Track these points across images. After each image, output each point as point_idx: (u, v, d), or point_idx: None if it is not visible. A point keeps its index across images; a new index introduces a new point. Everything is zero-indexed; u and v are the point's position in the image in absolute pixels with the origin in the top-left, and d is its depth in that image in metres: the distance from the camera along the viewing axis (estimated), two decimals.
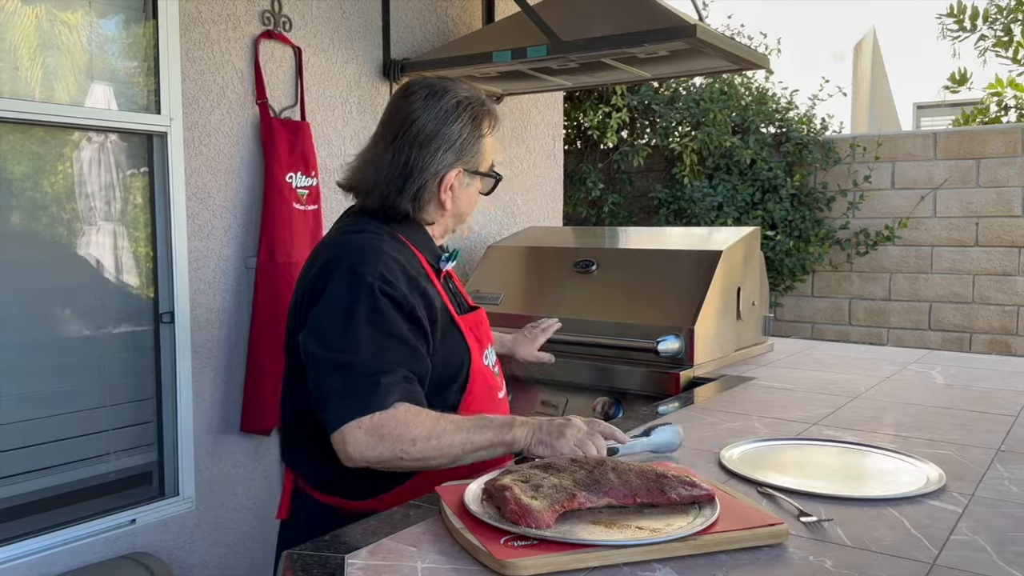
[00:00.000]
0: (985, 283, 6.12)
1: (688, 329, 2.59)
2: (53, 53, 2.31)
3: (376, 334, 1.45)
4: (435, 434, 1.42)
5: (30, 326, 2.32)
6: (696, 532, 1.16)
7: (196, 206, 2.61)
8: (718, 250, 2.75)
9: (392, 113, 1.66)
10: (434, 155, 1.60)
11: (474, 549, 1.14)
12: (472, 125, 1.64)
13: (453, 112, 1.61)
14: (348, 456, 1.40)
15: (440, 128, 1.60)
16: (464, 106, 1.63)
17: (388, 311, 1.47)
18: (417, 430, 1.41)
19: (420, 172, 1.60)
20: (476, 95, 1.67)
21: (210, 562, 2.69)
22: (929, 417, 2.03)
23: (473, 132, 1.64)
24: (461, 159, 1.62)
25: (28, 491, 2.32)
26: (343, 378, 1.42)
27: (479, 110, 1.66)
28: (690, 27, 2.63)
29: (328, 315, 1.48)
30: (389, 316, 1.47)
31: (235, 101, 2.71)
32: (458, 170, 1.62)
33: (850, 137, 6.64)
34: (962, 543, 1.22)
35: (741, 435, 1.83)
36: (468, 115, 1.63)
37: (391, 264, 1.52)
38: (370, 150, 1.68)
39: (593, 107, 6.48)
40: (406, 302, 1.50)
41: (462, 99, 1.63)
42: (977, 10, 7.02)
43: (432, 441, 1.41)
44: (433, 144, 1.60)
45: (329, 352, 1.45)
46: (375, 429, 1.39)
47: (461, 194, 1.66)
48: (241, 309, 2.75)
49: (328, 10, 3.00)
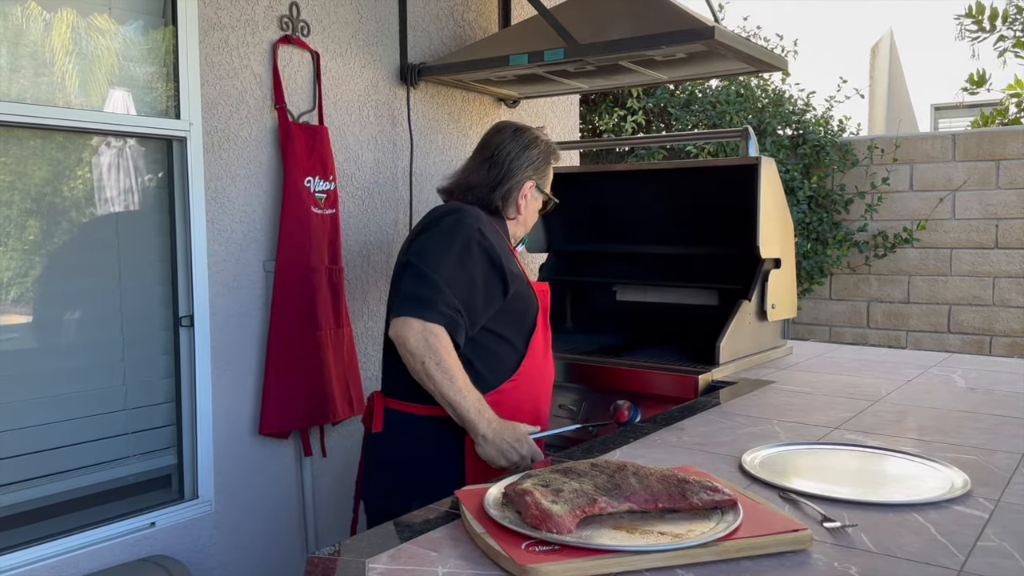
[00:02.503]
0: (1005, 285, 6.06)
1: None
2: (73, 59, 2.33)
3: (458, 269, 1.93)
4: (451, 372, 1.86)
5: (51, 330, 2.34)
6: (719, 538, 1.15)
7: (215, 210, 2.62)
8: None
9: (487, 141, 2.23)
10: (520, 169, 2.17)
11: (495, 554, 1.13)
12: (544, 154, 2.23)
13: (532, 144, 2.20)
14: (397, 335, 1.88)
15: (523, 152, 2.18)
16: (539, 141, 2.22)
17: (476, 255, 1.95)
18: (446, 358, 1.86)
19: (509, 178, 2.16)
20: (546, 138, 2.26)
21: (229, 565, 2.70)
22: (952, 421, 2.01)
23: (545, 159, 2.23)
24: (535, 175, 2.20)
25: (48, 494, 2.33)
26: (420, 286, 1.90)
27: (550, 146, 2.26)
28: (708, 29, 2.62)
29: (431, 241, 1.99)
30: (475, 259, 1.95)
31: (254, 106, 2.72)
32: (532, 183, 2.19)
33: (868, 139, 6.60)
34: (989, 549, 1.21)
35: (762, 439, 1.82)
36: (543, 147, 2.23)
37: (487, 225, 2.04)
38: (469, 165, 2.23)
39: (608, 110, 6.48)
40: (494, 252, 1.98)
41: (538, 137, 2.23)
42: (996, 11, 6.97)
43: (441, 372, 1.86)
44: (518, 161, 2.17)
45: (421, 264, 1.93)
46: (424, 330, 1.86)
47: (530, 204, 2.21)
48: (260, 312, 2.76)
49: (345, 15, 3.01)
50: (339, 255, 2.88)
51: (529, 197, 2.19)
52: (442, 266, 1.92)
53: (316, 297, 2.78)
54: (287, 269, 2.72)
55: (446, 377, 1.86)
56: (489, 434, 1.88)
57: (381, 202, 3.18)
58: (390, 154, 3.22)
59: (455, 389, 1.87)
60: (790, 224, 3.03)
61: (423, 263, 1.94)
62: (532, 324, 2.10)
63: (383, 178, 3.19)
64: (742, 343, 2.78)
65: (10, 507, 2.26)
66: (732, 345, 2.70)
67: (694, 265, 3.16)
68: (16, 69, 2.22)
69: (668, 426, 1.95)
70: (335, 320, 2.84)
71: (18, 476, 2.27)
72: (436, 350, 1.85)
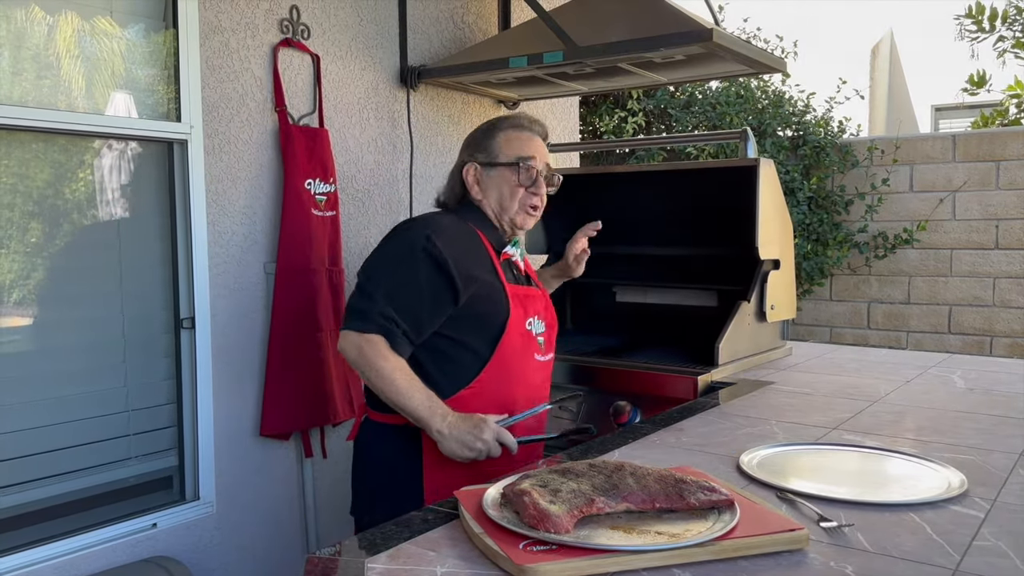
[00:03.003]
0: (1006, 286, 6.06)
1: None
2: (74, 62, 2.34)
3: (396, 277, 1.91)
4: (387, 377, 1.85)
5: (52, 333, 2.35)
6: (716, 537, 1.16)
7: (216, 212, 2.63)
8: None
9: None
10: (460, 156, 2.15)
11: (493, 554, 1.14)
12: (485, 129, 2.13)
13: (475, 129, 2.16)
14: (341, 350, 1.92)
15: (465, 140, 2.16)
16: (489, 121, 2.15)
17: (420, 261, 1.91)
18: (380, 366, 1.85)
19: (456, 171, 2.14)
20: (511, 115, 2.18)
21: (230, 565, 2.71)
22: (950, 421, 2.01)
23: (485, 134, 2.11)
24: (477, 152, 2.10)
25: (50, 495, 2.34)
26: (358, 299, 1.92)
27: (497, 119, 2.14)
28: (707, 31, 2.63)
29: (375, 255, 2.00)
30: (417, 265, 1.91)
31: (254, 109, 2.73)
32: (473, 163, 2.09)
33: (868, 140, 6.61)
34: (985, 549, 1.21)
35: (760, 440, 1.82)
36: (485, 125, 2.14)
37: (440, 229, 1.97)
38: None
39: (609, 111, 6.49)
40: (441, 257, 1.90)
41: (488, 121, 2.15)
42: (996, 11, 6.97)
43: (378, 379, 1.86)
44: (463, 151, 2.14)
45: (361, 278, 1.95)
46: (360, 340, 1.87)
47: (487, 183, 2.09)
48: (261, 314, 2.77)
49: (345, 18, 3.02)
50: (339, 257, 2.89)
51: (477, 175, 2.08)
52: (380, 276, 1.93)
53: (316, 299, 2.79)
54: (288, 271, 2.73)
55: (385, 383, 1.85)
56: (444, 428, 1.83)
57: (381, 204, 3.19)
58: (390, 156, 3.23)
59: (397, 391, 1.85)
60: (789, 225, 3.04)
61: (364, 276, 1.95)
62: (500, 330, 1.98)
63: (383, 180, 3.20)
64: (741, 344, 2.78)
65: (12, 508, 2.26)
66: (731, 346, 2.71)
67: (693, 266, 3.17)
68: (18, 72, 2.23)
69: (667, 427, 1.96)
70: (335, 322, 2.85)
71: (20, 478, 2.28)
72: (371, 359, 1.85)
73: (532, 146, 2.09)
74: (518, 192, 2.07)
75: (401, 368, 1.87)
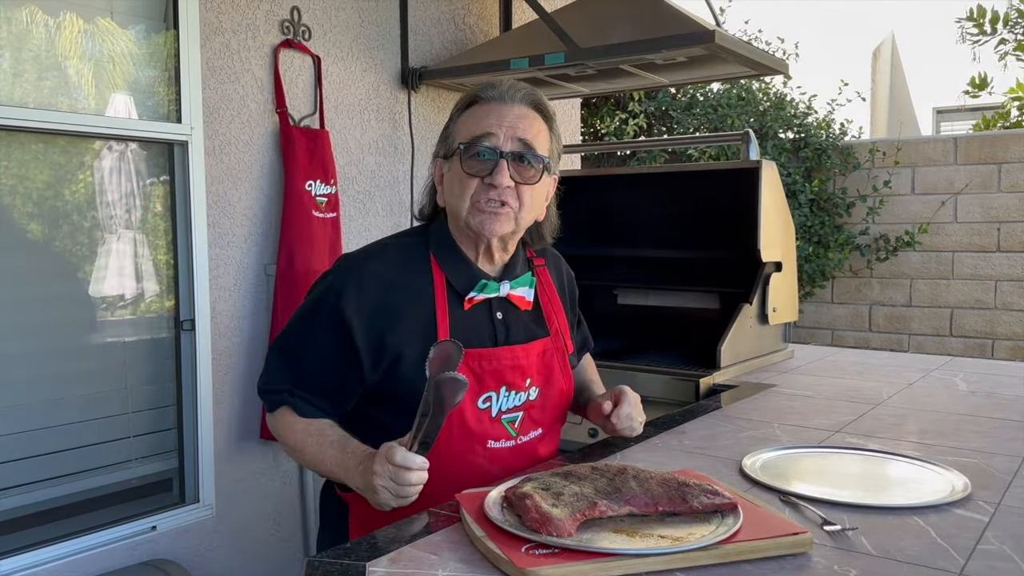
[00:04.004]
0: (1008, 289, 6.05)
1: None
2: (75, 63, 2.34)
3: (298, 340, 1.56)
4: (299, 448, 1.54)
5: (52, 334, 2.34)
6: (719, 541, 1.15)
7: (216, 214, 2.63)
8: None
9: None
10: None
11: (495, 557, 1.13)
12: (449, 120, 1.60)
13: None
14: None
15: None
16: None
17: (323, 325, 1.52)
18: (290, 439, 1.55)
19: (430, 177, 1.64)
20: (478, 84, 1.60)
21: (230, 568, 2.70)
22: (953, 424, 2.00)
23: (451, 118, 1.59)
24: (441, 148, 1.60)
25: (49, 497, 2.34)
26: (261, 376, 1.60)
27: (464, 95, 1.59)
28: (709, 33, 2.62)
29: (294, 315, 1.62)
30: (318, 330, 1.53)
31: (255, 110, 2.73)
32: (438, 160, 1.60)
33: (869, 142, 6.60)
34: (989, 552, 1.21)
35: (763, 443, 1.81)
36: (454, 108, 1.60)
37: (361, 277, 1.53)
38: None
39: (610, 113, 6.48)
40: (346, 321, 1.50)
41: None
42: (998, 14, 6.96)
43: (294, 453, 1.57)
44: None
45: (273, 344, 1.62)
46: (274, 424, 1.59)
47: (447, 182, 1.57)
48: (261, 316, 2.76)
49: (347, 19, 3.02)
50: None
51: (442, 174, 1.58)
52: (284, 338, 1.60)
53: None
54: (288, 273, 2.72)
55: (297, 455, 1.57)
56: (361, 483, 1.39)
57: (382, 206, 3.18)
58: (391, 158, 3.22)
59: (308, 461, 1.54)
60: (791, 227, 3.03)
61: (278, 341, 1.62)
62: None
63: (384, 182, 3.19)
64: (743, 347, 2.77)
65: (11, 511, 2.26)
66: (733, 349, 2.70)
67: (695, 269, 3.16)
68: (19, 73, 2.23)
69: (669, 429, 1.95)
70: None
71: (20, 480, 2.27)
72: (283, 436, 1.57)
73: (490, 119, 1.51)
74: (468, 184, 1.50)
75: (310, 430, 1.52)
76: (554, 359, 1.66)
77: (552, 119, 1.61)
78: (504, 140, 1.50)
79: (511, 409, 1.59)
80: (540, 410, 1.64)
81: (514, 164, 1.50)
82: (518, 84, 1.56)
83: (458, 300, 1.56)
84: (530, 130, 1.53)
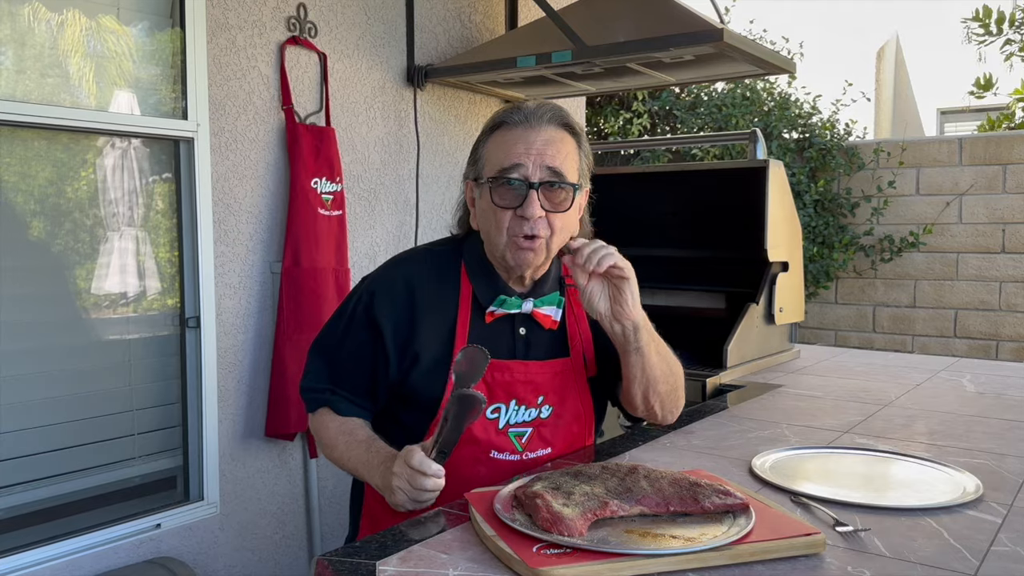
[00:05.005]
0: (1012, 290, 6.04)
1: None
2: (80, 59, 2.33)
3: (334, 340, 1.65)
4: (331, 445, 1.61)
5: (56, 331, 2.34)
6: (732, 542, 1.14)
7: (222, 211, 2.62)
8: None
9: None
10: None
11: (506, 557, 1.13)
12: (483, 129, 1.61)
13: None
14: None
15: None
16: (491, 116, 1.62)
17: (356, 326, 1.62)
18: (324, 437, 1.63)
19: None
20: (504, 108, 1.60)
21: (234, 567, 2.69)
22: (962, 426, 1.99)
23: (479, 137, 1.61)
24: (470, 171, 1.61)
25: (54, 495, 2.33)
26: (303, 377, 1.69)
27: (493, 116, 1.60)
28: (717, 31, 2.61)
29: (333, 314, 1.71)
30: (352, 330, 1.62)
31: (261, 107, 2.72)
32: (468, 181, 1.62)
33: (874, 143, 6.58)
34: (1003, 554, 1.20)
35: (771, 443, 1.81)
36: (487, 122, 1.62)
37: (391, 283, 1.62)
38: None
39: (614, 113, 6.47)
40: (377, 322, 1.59)
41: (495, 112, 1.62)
42: (1003, 14, 6.94)
43: (327, 451, 1.63)
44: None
45: (312, 345, 1.70)
46: (313, 424, 1.67)
47: (479, 206, 1.58)
48: (266, 314, 2.75)
49: (353, 16, 3.01)
50: (345, 256, 2.88)
51: (474, 195, 1.61)
52: (322, 339, 1.68)
53: (322, 299, 2.77)
54: (293, 270, 2.72)
55: (328, 451, 1.63)
56: (381, 482, 1.46)
57: (388, 204, 3.18)
58: (397, 156, 3.21)
59: (337, 459, 1.60)
60: (798, 227, 3.02)
61: (316, 343, 1.70)
62: (436, 413, 1.55)
63: (390, 180, 3.18)
64: (749, 347, 2.77)
65: (16, 508, 2.25)
66: (739, 349, 2.69)
67: (701, 268, 3.15)
68: (23, 70, 2.22)
69: (676, 429, 1.94)
70: None
71: (24, 477, 2.26)
72: (319, 435, 1.65)
73: (518, 148, 1.51)
74: (502, 217, 1.51)
75: (343, 429, 1.60)
76: (571, 380, 1.65)
77: (580, 135, 1.62)
78: (533, 170, 1.50)
79: (520, 424, 1.60)
80: (552, 429, 1.63)
81: (544, 192, 1.51)
82: (544, 105, 1.57)
83: (482, 312, 1.60)
84: (558, 155, 1.53)
